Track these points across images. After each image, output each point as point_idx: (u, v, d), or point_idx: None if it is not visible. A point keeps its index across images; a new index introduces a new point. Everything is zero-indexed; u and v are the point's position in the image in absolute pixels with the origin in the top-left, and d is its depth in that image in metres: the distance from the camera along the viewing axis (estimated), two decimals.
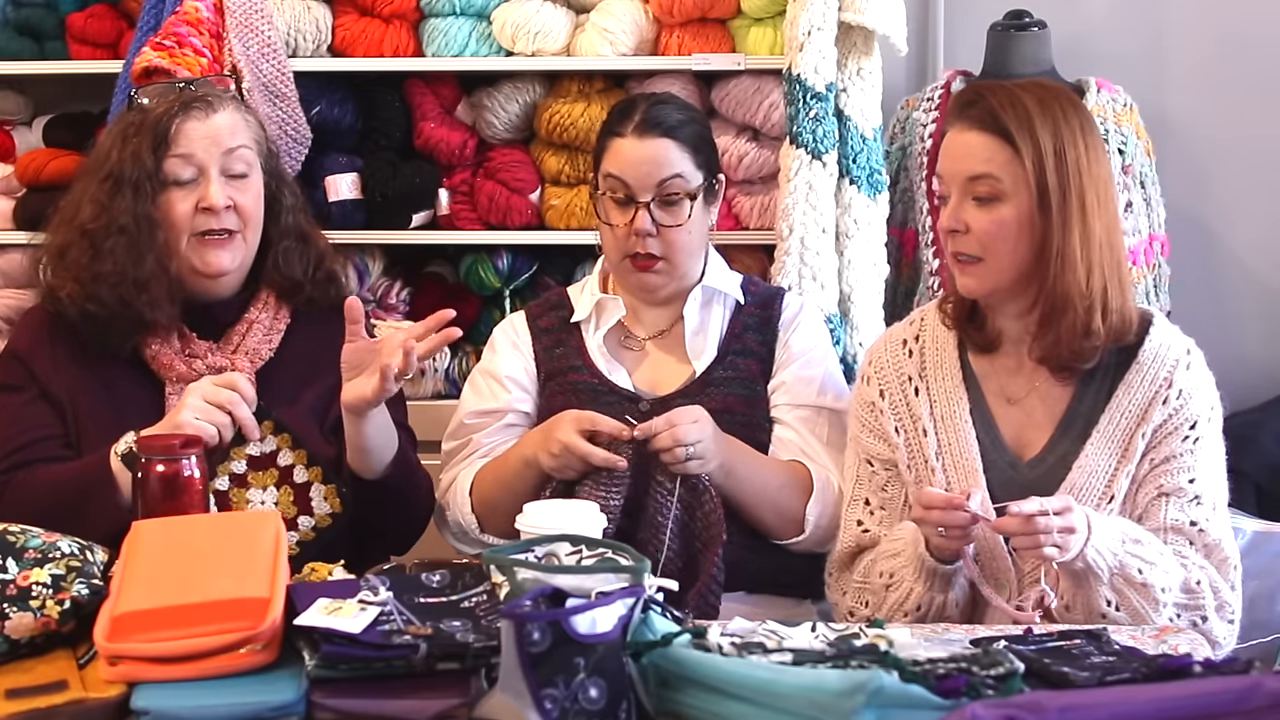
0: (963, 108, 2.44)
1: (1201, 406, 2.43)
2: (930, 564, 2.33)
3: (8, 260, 3.54)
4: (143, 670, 1.78)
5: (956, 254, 2.44)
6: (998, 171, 2.38)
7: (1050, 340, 2.42)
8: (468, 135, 3.48)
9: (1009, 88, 2.43)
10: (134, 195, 2.53)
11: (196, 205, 2.55)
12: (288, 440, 2.45)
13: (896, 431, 2.53)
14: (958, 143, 2.43)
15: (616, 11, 3.38)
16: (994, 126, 2.39)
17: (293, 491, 2.45)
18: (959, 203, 2.42)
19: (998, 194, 2.39)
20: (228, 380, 2.40)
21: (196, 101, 2.58)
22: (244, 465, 2.43)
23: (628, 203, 2.72)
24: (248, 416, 2.39)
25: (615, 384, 2.75)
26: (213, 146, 2.56)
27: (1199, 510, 2.39)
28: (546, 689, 1.65)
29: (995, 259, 2.40)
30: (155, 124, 2.55)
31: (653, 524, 2.52)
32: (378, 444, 2.53)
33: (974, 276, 2.43)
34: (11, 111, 3.62)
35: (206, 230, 2.56)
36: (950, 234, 2.43)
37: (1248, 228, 3.71)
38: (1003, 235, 2.39)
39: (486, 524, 2.70)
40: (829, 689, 1.64)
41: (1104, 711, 1.59)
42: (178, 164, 2.55)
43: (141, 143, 2.54)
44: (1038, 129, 2.37)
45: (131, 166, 2.53)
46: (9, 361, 2.62)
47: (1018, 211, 2.38)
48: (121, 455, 2.38)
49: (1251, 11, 3.66)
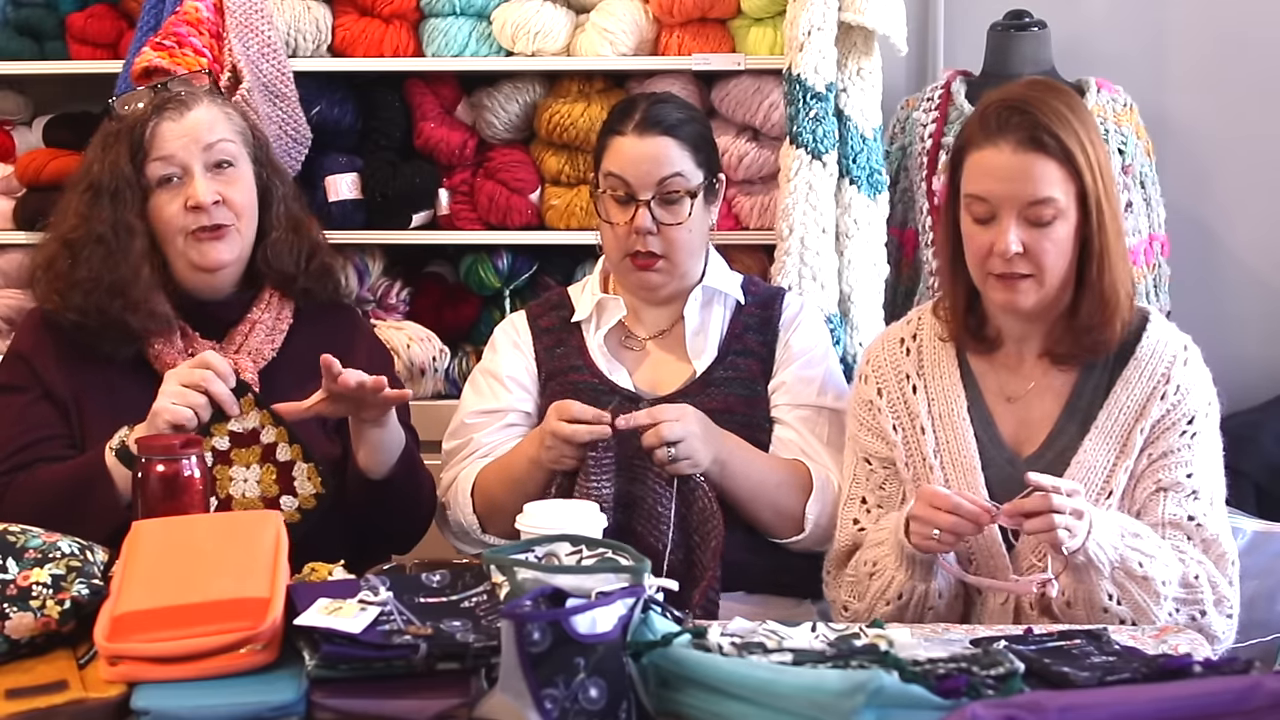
0: (1004, 125, 2.37)
1: (1199, 402, 2.44)
2: (909, 550, 2.33)
3: (8, 260, 3.54)
4: (143, 670, 1.78)
5: (1006, 274, 2.39)
6: (1059, 194, 2.36)
7: (1088, 338, 2.42)
8: (468, 135, 3.48)
9: (1045, 99, 2.39)
10: (113, 204, 2.54)
11: (185, 204, 2.55)
12: (269, 417, 2.44)
13: (894, 430, 2.53)
14: (1009, 164, 2.37)
15: (616, 11, 3.38)
16: (1055, 149, 2.35)
17: (275, 470, 2.45)
18: (1013, 225, 2.37)
19: (1058, 214, 2.37)
20: (200, 359, 2.40)
21: (170, 102, 2.58)
22: (226, 442, 2.42)
23: (628, 201, 2.72)
24: (223, 392, 2.38)
25: (616, 384, 2.75)
26: (192, 144, 2.56)
27: (1197, 505, 2.40)
28: (546, 689, 1.65)
29: (1050, 274, 2.39)
30: (131, 130, 2.56)
31: (651, 516, 2.52)
32: (389, 443, 2.54)
33: (1025, 293, 2.40)
34: (11, 111, 3.62)
35: (199, 227, 2.56)
36: (999, 256, 2.38)
37: (1248, 228, 3.71)
38: (1061, 252, 2.38)
39: (488, 524, 2.70)
40: (829, 689, 1.64)
41: (1104, 711, 1.60)
42: (159, 166, 2.55)
43: (119, 151, 2.55)
44: (1085, 144, 2.36)
45: (110, 175, 2.55)
46: (12, 362, 2.62)
47: (1070, 227, 2.38)
48: (116, 450, 2.38)
49: (1251, 11, 3.66)
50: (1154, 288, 3.41)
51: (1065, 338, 2.44)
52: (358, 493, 2.56)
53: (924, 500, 2.30)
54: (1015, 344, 2.50)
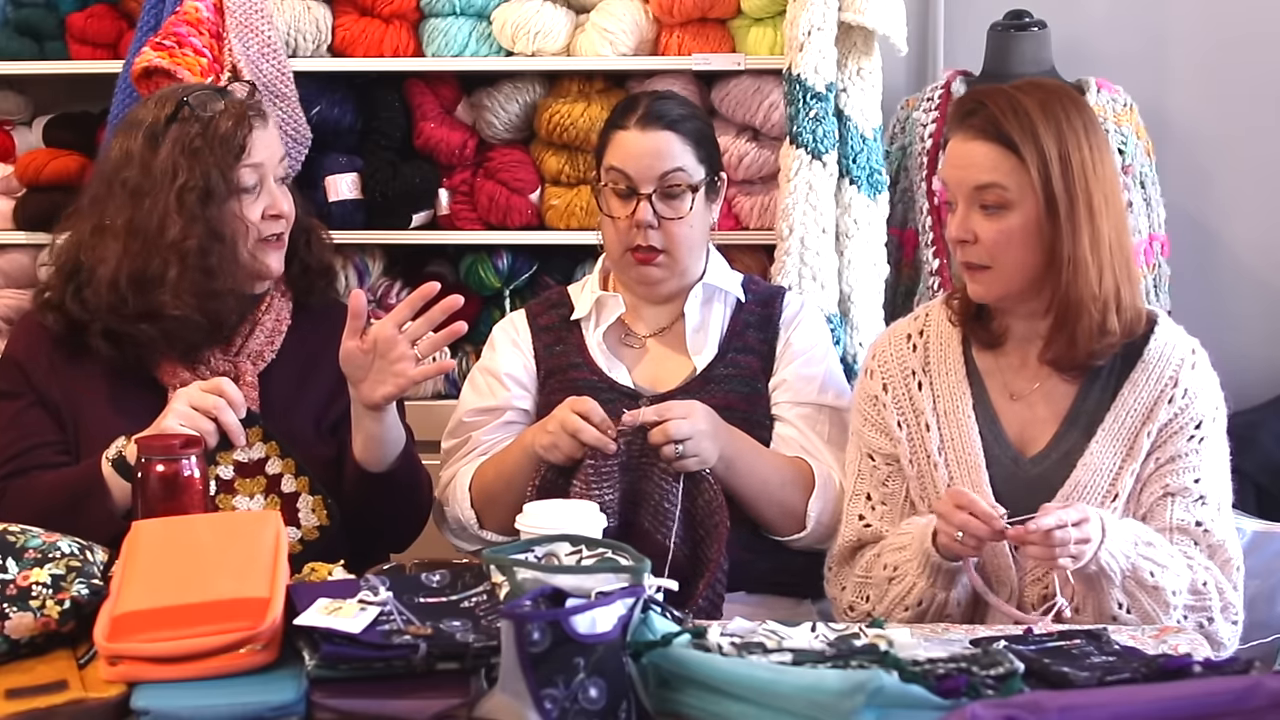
0: (964, 115, 2.43)
1: (1206, 406, 2.44)
2: (936, 560, 2.33)
3: (8, 260, 3.54)
4: (143, 670, 1.78)
5: (966, 262, 2.44)
6: (1003, 180, 2.38)
7: (1065, 343, 2.41)
8: (468, 135, 3.48)
9: (1010, 92, 2.42)
10: (220, 208, 2.54)
11: (265, 211, 2.58)
12: (275, 449, 2.44)
13: (899, 426, 2.53)
14: (961, 152, 2.42)
15: (616, 11, 3.38)
16: (997, 135, 2.38)
17: (280, 500, 2.44)
18: (966, 212, 2.41)
19: (1005, 203, 2.38)
20: (214, 385, 2.40)
21: (253, 110, 2.59)
22: (231, 471, 2.42)
23: (629, 195, 2.72)
24: (233, 422, 2.38)
25: (615, 381, 2.75)
26: (272, 155, 2.60)
27: (1204, 510, 2.40)
28: (546, 689, 1.65)
29: (1004, 267, 2.40)
30: (229, 136, 2.54)
31: (658, 511, 2.51)
32: (391, 437, 2.55)
33: (983, 284, 2.43)
34: (11, 111, 3.61)
35: (272, 234, 2.60)
36: (959, 243, 2.43)
37: (1248, 228, 3.71)
38: (1011, 243, 2.39)
39: (486, 519, 2.70)
40: (829, 689, 1.64)
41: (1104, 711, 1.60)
42: (248, 173, 2.56)
43: (216, 155, 2.53)
44: (1041, 135, 2.36)
45: (215, 178, 2.52)
46: (5, 367, 2.61)
47: (1025, 219, 2.38)
48: (112, 460, 2.38)
49: (1251, 11, 3.66)
50: (1154, 288, 3.41)
51: (1059, 347, 2.43)
52: (355, 487, 2.56)
53: (948, 498, 2.31)
54: (1019, 345, 2.50)
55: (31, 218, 3.45)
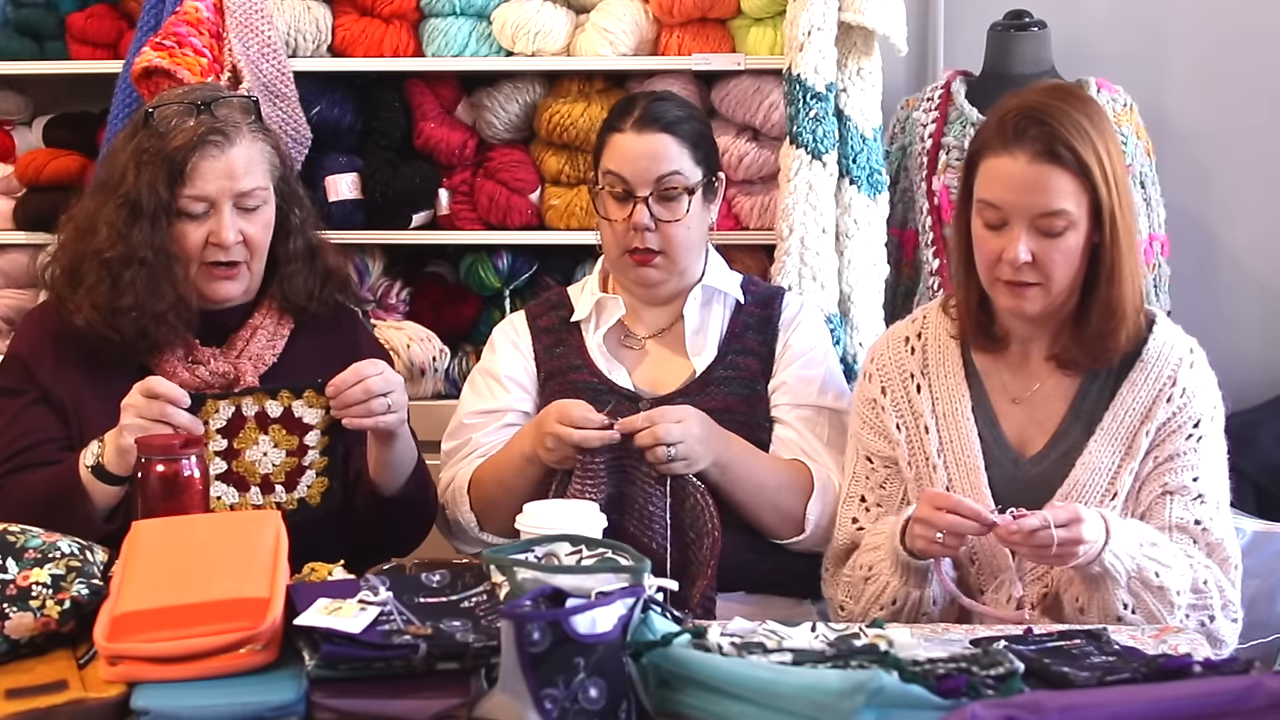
0: (1021, 135, 2.35)
1: (1205, 405, 2.44)
2: (904, 558, 2.33)
3: (8, 260, 3.54)
4: (143, 670, 1.78)
5: (1013, 281, 2.38)
6: (1073, 207, 2.34)
7: (1094, 346, 2.41)
8: (468, 135, 3.48)
9: (1064, 109, 2.35)
10: (151, 227, 2.50)
11: (208, 238, 2.53)
12: (317, 399, 2.43)
13: (898, 429, 2.53)
14: (1025, 174, 2.34)
15: (616, 11, 3.38)
16: (1070, 163, 2.33)
17: (296, 443, 2.44)
18: (1022, 234, 2.35)
19: (1071, 225, 2.36)
20: (147, 389, 2.33)
21: (213, 134, 2.52)
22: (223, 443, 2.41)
23: (626, 198, 2.72)
24: (186, 420, 2.34)
25: (615, 383, 2.75)
26: (227, 183, 2.52)
27: (1203, 509, 2.40)
28: (546, 689, 1.66)
29: (1057, 283, 2.38)
30: (172, 157, 2.50)
31: (643, 516, 2.51)
32: (403, 460, 2.55)
33: (1033, 300, 2.39)
34: (11, 111, 3.62)
35: (214, 261, 2.55)
36: (1008, 264, 2.37)
37: (1248, 228, 3.71)
38: (1069, 262, 2.37)
39: (486, 522, 2.70)
40: (829, 689, 1.64)
41: (1104, 711, 1.60)
42: (191, 202, 2.52)
43: (157, 174, 2.50)
44: (1101, 155, 2.34)
45: (148, 197, 2.49)
46: (9, 364, 2.61)
47: (1080, 237, 2.37)
48: (91, 467, 2.37)
49: (1251, 11, 3.66)
50: (1154, 288, 3.41)
51: (1071, 344, 2.43)
52: (366, 508, 2.56)
53: (926, 502, 2.30)
54: (1021, 345, 2.49)
55: (31, 218, 3.46)
